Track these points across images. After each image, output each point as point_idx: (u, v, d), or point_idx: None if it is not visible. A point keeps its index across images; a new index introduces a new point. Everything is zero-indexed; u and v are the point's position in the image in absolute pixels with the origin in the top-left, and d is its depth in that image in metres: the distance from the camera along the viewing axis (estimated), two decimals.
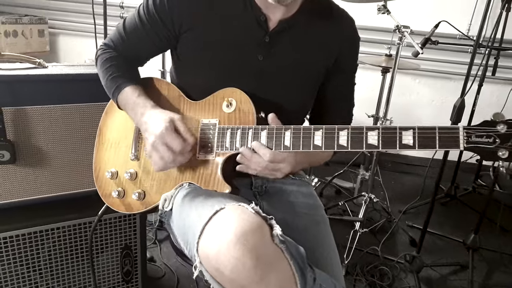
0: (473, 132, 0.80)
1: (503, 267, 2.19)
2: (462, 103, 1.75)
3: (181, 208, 0.99)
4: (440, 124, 0.81)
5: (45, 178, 1.41)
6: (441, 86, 3.29)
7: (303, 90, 1.12)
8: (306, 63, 1.09)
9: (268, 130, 0.93)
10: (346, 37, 1.14)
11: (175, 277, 1.91)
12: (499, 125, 0.80)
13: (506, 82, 3.01)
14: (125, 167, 1.12)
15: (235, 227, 0.77)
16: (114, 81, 1.08)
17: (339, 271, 1.00)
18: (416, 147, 0.82)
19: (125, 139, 1.14)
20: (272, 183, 1.16)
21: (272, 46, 1.05)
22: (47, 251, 1.42)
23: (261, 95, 1.01)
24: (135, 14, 1.10)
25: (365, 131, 0.85)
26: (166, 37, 1.08)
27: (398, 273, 2.06)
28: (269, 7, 1.03)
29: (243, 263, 0.75)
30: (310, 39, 1.09)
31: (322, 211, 1.13)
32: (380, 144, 0.84)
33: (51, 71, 1.36)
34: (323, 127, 0.89)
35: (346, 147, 0.86)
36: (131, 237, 1.55)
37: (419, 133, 0.82)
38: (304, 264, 0.81)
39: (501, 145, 0.79)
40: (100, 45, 1.17)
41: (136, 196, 1.08)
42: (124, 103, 1.07)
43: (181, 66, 1.12)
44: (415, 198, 2.78)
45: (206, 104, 1.05)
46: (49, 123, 1.36)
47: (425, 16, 2.84)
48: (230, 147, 0.98)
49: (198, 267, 0.83)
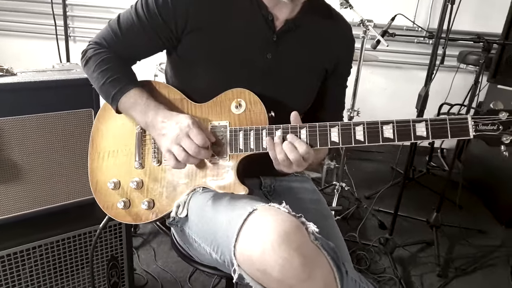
0: (480, 121, 0.86)
1: (463, 241, 2.38)
2: (426, 92, 1.86)
3: (201, 213, 0.96)
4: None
5: (22, 194, 1.30)
6: (392, 75, 3.48)
7: (307, 88, 1.13)
8: (311, 62, 1.10)
9: (283, 129, 0.93)
10: (346, 42, 1.17)
11: (159, 284, 1.86)
12: (501, 113, 0.87)
13: (449, 69, 3.23)
14: (129, 176, 1.07)
15: (275, 227, 0.77)
16: (115, 83, 1.02)
17: (350, 261, 1.03)
18: (430, 137, 0.86)
19: (125, 146, 1.08)
20: (280, 181, 1.16)
21: (279, 45, 1.05)
22: (29, 271, 1.32)
23: (267, 94, 1.01)
24: (131, 11, 1.03)
25: (380, 125, 0.89)
26: (166, 37, 1.04)
27: (373, 256, 2.17)
28: (276, 7, 1.02)
29: (290, 262, 0.75)
30: (315, 39, 1.10)
31: (326, 205, 1.16)
32: (396, 137, 0.87)
33: (22, 79, 1.24)
34: (339, 124, 0.91)
35: (363, 142, 0.89)
36: (117, 248, 1.49)
37: (432, 125, 0.86)
38: (338, 259, 0.83)
39: (504, 131, 0.86)
40: (90, 44, 1.09)
41: (146, 205, 1.03)
42: (129, 105, 1.01)
43: (183, 67, 1.08)
44: (377, 183, 2.92)
45: (213, 106, 1.02)
46: (23, 135, 1.26)
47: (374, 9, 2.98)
48: (244, 148, 0.97)
49: (237, 270, 0.81)
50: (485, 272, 2.14)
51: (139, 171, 1.07)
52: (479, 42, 2.03)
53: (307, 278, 0.77)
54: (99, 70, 1.03)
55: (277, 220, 0.79)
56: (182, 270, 1.95)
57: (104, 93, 1.05)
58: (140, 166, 1.07)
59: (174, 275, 1.91)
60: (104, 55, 1.05)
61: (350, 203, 2.61)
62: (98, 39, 1.08)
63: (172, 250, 2.06)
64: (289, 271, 0.75)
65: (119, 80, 1.02)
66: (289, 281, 0.76)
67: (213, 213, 0.93)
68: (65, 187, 1.38)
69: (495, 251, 2.31)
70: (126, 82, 1.03)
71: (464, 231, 2.45)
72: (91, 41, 1.10)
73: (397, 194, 2.21)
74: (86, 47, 1.10)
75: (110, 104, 1.05)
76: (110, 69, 1.03)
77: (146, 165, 1.07)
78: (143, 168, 1.07)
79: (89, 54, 1.06)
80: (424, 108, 1.91)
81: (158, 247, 2.09)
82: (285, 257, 0.75)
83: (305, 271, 0.76)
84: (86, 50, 1.08)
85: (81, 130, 1.35)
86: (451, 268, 2.14)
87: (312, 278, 0.77)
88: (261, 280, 0.79)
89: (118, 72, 1.04)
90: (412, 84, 3.46)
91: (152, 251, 2.06)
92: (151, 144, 1.06)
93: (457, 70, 3.25)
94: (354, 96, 2.29)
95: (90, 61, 1.06)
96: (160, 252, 2.06)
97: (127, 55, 1.08)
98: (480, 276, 2.10)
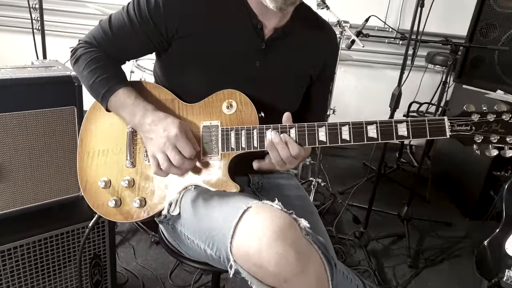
0: (455, 122, 0.93)
1: (432, 233, 2.50)
2: (399, 92, 1.95)
3: (194, 211, 0.98)
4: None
5: (3, 192, 1.29)
6: (362, 74, 3.58)
7: (294, 93, 1.17)
8: (297, 69, 1.14)
9: (273, 129, 0.97)
10: (332, 50, 1.23)
11: (140, 281, 1.86)
12: (473, 115, 0.94)
13: (418, 69, 3.37)
14: (120, 175, 1.08)
15: (270, 224, 0.81)
16: (105, 82, 1.02)
17: (335, 255, 1.09)
18: (410, 137, 0.92)
19: (116, 146, 1.09)
20: (267, 179, 1.20)
21: (268, 53, 1.08)
22: (10, 271, 1.31)
23: (256, 97, 1.04)
24: (123, 12, 1.04)
25: (364, 125, 0.94)
26: (157, 40, 1.05)
27: (348, 249, 2.25)
28: (265, 15, 1.05)
29: (286, 257, 0.79)
30: (302, 47, 1.14)
31: (311, 201, 1.21)
32: (380, 136, 0.93)
33: (2, 76, 1.22)
34: (326, 124, 0.95)
35: (349, 141, 0.94)
36: (100, 246, 1.49)
37: (412, 125, 0.93)
38: (328, 252, 0.87)
39: (476, 132, 0.93)
40: (80, 43, 1.08)
41: (137, 203, 1.04)
42: (118, 105, 1.02)
43: (173, 70, 1.09)
44: (350, 178, 3.02)
45: (205, 107, 1.04)
46: (4, 132, 1.24)
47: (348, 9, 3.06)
48: (236, 147, 1.00)
49: (233, 265, 0.84)
50: (452, 262, 2.27)
51: (131, 170, 1.08)
52: (447, 45, 2.14)
53: (301, 272, 0.81)
54: (89, 69, 1.03)
55: (272, 217, 0.83)
56: (163, 267, 1.96)
57: (94, 92, 1.05)
58: (131, 165, 1.08)
59: (155, 272, 1.92)
60: (94, 54, 1.05)
61: (325, 199, 2.69)
62: (89, 38, 1.08)
63: (152, 248, 2.08)
64: (284, 265, 0.79)
65: (108, 79, 1.03)
66: (285, 274, 0.80)
67: (207, 211, 0.96)
68: (47, 185, 1.36)
69: (461, 242, 2.45)
70: (116, 81, 1.03)
71: (433, 224, 2.58)
72: (81, 39, 1.09)
73: (369, 190, 2.30)
74: (76, 45, 1.09)
75: (100, 103, 1.05)
76: (100, 68, 1.03)
77: (137, 164, 1.08)
78: (134, 167, 1.08)
79: (78, 52, 1.06)
80: (397, 107, 2.00)
81: (137, 245, 2.09)
82: (281, 252, 0.79)
83: (299, 265, 0.80)
84: (76, 48, 1.08)
85: (64, 128, 1.34)
86: (421, 259, 2.25)
87: (305, 272, 0.81)
88: (257, 274, 0.82)
89: (108, 71, 1.04)
90: (381, 83, 3.59)
91: (132, 249, 2.05)
92: (142, 143, 1.08)
93: (425, 70, 3.40)
94: (330, 95, 2.36)
95: (80, 60, 1.06)
96: (140, 249, 2.06)
97: (117, 55, 1.09)
98: (447, 266, 2.23)
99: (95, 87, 1.03)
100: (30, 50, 2.10)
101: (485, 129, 0.93)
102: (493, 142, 0.93)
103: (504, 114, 0.93)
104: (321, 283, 0.84)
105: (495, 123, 0.93)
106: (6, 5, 3.26)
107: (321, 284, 0.84)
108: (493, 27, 2.68)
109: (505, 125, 0.93)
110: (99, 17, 2.95)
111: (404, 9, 3.44)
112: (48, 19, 3.40)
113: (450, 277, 2.15)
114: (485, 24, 2.71)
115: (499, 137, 0.93)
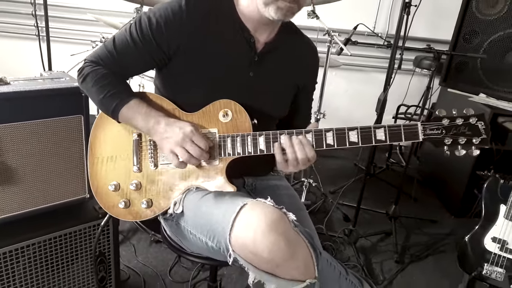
0: (427, 126, 1.05)
1: (418, 230, 2.63)
2: (385, 97, 2.07)
3: (196, 208, 1.10)
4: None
5: (17, 195, 1.38)
6: (353, 78, 3.71)
7: (284, 101, 1.29)
8: (286, 79, 1.27)
9: (265, 135, 1.09)
10: (313, 61, 1.36)
11: (141, 278, 1.96)
12: (443, 120, 1.06)
13: (406, 72, 3.51)
14: (128, 179, 1.19)
15: (264, 217, 0.94)
16: (115, 96, 1.13)
17: (321, 246, 1.21)
18: (388, 141, 1.04)
19: (123, 152, 1.20)
20: (260, 180, 1.32)
21: (261, 64, 1.20)
22: (23, 269, 1.40)
23: (250, 105, 1.15)
24: (126, 33, 1.14)
25: (346, 131, 1.05)
26: (159, 58, 1.15)
27: (338, 246, 2.37)
28: (257, 31, 1.17)
29: (278, 245, 0.92)
30: (289, 59, 1.26)
31: (299, 199, 1.33)
32: (360, 140, 1.05)
33: (17, 88, 1.31)
34: (312, 130, 1.07)
35: (333, 146, 1.06)
36: (105, 245, 1.59)
37: (389, 130, 1.04)
38: (313, 241, 1.00)
39: (446, 135, 1.05)
40: (86, 62, 1.19)
41: (145, 204, 1.16)
42: (130, 116, 1.13)
43: (173, 81, 1.20)
44: (341, 178, 3.14)
45: (203, 116, 1.15)
46: (18, 140, 1.33)
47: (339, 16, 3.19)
48: (232, 152, 1.11)
49: (232, 254, 0.97)
50: (436, 257, 2.39)
51: (138, 174, 1.19)
52: (430, 52, 2.26)
53: (291, 258, 0.94)
54: (98, 85, 1.14)
55: (265, 212, 0.95)
56: (163, 264, 2.06)
57: (104, 106, 1.15)
58: (138, 170, 1.19)
59: (155, 269, 2.02)
60: (101, 71, 1.15)
61: (317, 198, 2.80)
62: (94, 57, 1.18)
63: (152, 246, 2.18)
64: (276, 252, 0.92)
65: (119, 93, 1.14)
66: (276, 260, 0.93)
67: (207, 208, 1.07)
68: (56, 188, 1.46)
69: (445, 238, 2.58)
70: (127, 94, 1.14)
71: (419, 221, 2.71)
72: (86, 59, 1.20)
73: (359, 189, 2.42)
74: (82, 65, 1.19)
75: (111, 115, 1.16)
76: (109, 84, 1.14)
77: (143, 169, 1.19)
78: (140, 172, 1.19)
79: (86, 71, 1.16)
80: (383, 111, 2.12)
81: (138, 244, 2.19)
82: (273, 241, 0.92)
83: (289, 252, 0.93)
84: (83, 67, 1.18)
85: (72, 135, 1.44)
86: (407, 255, 2.37)
87: (294, 258, 0.95)
88: (253, 261, 0.95)
89: (116, 87, 1.15)
90: (372, 86, 3.72)
91: (133, 248, 2.15)
92: (147, 149, 1.19)
93: (413, 73, 3.53)
94: (320, 99, 2.48)
95: (88, 78, 1.15)
96: (140, 248, 2.16)
97: (122, 72, 1.20)
98: (432, 261, 2.36)
99: (105, 101, 1.14)
100: (34, 56, 2.16)
101: (454, 132, 1.05)
102: (461, 144, 1.05)
103: (471, 118, 1.05)
104: (308, 268, 0.97)
105: (463, 126, 1.05)
106: (10, 12, 3.35)
107: (308, 269, 0.97)
108: (475, 33, 2.81)
109: (471, 128, 1.05)
110: (96, 23, 3.05)
111: (393, 15, 3.58)
112: (51, 26, 3.50)
113: (434, 271, 2.27)
114: (468, 30, 2.84)
115: (466, 139, 1.05)
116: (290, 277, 0.96)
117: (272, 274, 0.96)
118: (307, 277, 0.97)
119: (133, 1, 2.33)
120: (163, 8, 1.12)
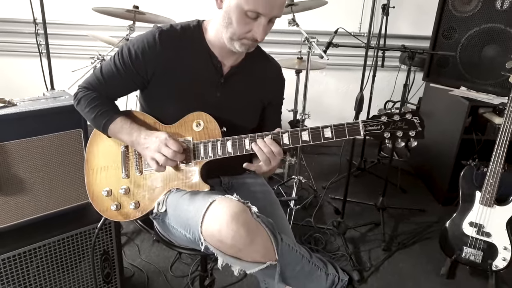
0: (368, 123, 1.21)
1: (405, 220, 2.78)
2: (362, 97, 2.23)
3: (177, 207, 1.28)
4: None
5: (26, 203, 1.58)
6: (343, 76, 3.87)
7: (249, 115, 1.46)
8: (251, 98, 1.44)
9: (232, 140, 1.27)
10: (278, 80, 1.52)
11: (145, 274, 2.15)
12: (382, 117, 1.22)
13: (392, 69, 3.65)
14: (118, 185, 1.38)
15: (228, 210, 1.11)
16: (104, 115, 1.33)
17: (290, 233, 1.38)
18: (334, 138, 1.21)
19: (113, 162, 1.40)
20: (236, 179, 1.50)
21: (226, 86, 1.38)
22: (36, 268, 1.59)
23: (219, 117, 1.32)
24: (110, 63, 1.34)
25: (299, 132, 1.23)
26: (139, 81, 1.35)
27: (328, 238, 2.53)
28: (224, 57, 1.35)
29: (239, 233, 1.09)
30: (254, 80, 1.43)
31: (273, 194, 1.51)
32: (311, 138, 1.22)
33: (23, 108, 1.52)
34: (271, 133, 1.24)
35: (288, 145, 1.23)
36: (109, 244, 1.78)
37: (335, 129, 1.21)
38: (274, 230, 1.18)
39: (385, 130, 1.21)
40: (79, 88, 1.39)
41: (133, 206, 1.35)
42: (117, 130, 1.33)
43: (153, 100, 1.39)
44: (334, 174, 3.30)
45: (179, 126, 1.34)
46: (26, 154, 1.54)
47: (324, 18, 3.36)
48: (205, 156, 1.30)
49: (203, 243, 1.15)
50: (422, 244, 2.54)
51: (126, 180, 1.38)
52: (405, 52, 2.41)
53: (251, 243, 1.11)
54: (89, 106, 1.35)
55: (229, 206, 1.13)
56: (164, 261, 2.25)
57: (96, 123, 1.36)
58: (126, 176, 1.38)
59: (157, 266, 2.21)
60: (92, 95, 1.36)
61: (309, 194, 2.97)
62: (86, 84, 1.39)
63: (154, 246, 2.37)
64: (238, 239, 1.10)
65: (107, 112, 1.34)
66: (238, 246, 1.11)
67: (185, 206, 1.26)
68: (61, 195, 1.66)
69: (432, 226, 2.72)
70: (113, 113, 1.35)
71: (408, 211, 2.85)
72: (80, 85, 1.40)
73: (351, 183, 2.58)
74: (76, 90, 1.41)
75: (102, 131, 1.36)
76: (99, 105, 1.35)
77: (130, 175, 1.38)
78: (128, 178, 1.38)
79: (79, 95, 1.38)
80: (360, 110, 2.27)
81: (141, 244, 2.38)
82: (235, 230, 1.09)
83: (249, 238, 1.11)
84: (77, 93, 1.39)
85: (73, 147, 1.64)
86: (395, 243, 2.52)
87: (254, 243, 1.12)
88: (220, 248, 1.13)
89: (105, 107, 1.35)
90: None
91: (136, 248, 2.35)
92: (133, 159, 1.38)
93: (399, 70, 3.67)
94: (304, 100, 2.64)
95: (81, 101, 1.37)
96: (143, 247, 2.36)
97: (109, 95, 1.40)
98: (418, 248, 2.50)
99: (97, 119, 1.34)
100: (37, 73, 2.30)
101: (392, 127, 1.21)
102: (399, 137, 1.21)
103: (407, 114, 1.20)
104: (268, 251, 1.15)
105: (400, 122, 1.21)
106: (12, 32, 3.55)
107: (268, 252, 1.15)
108: (453, 30, 2.94)
109: (408, 123, 1.21)
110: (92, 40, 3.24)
111: (376, 16, 3.72)
112: (51, 43, 3.71)
113: (419, 257, 2.41)
114: (446, 27, 2.97)
115: (402, 132, 1.21)
116: (252, 260, 1.14)
117: (236, 257, 1.14)
118: (268, 259, 1.15)
119: (126, 18, 2.55)
120: (140, 40, 1.32)
